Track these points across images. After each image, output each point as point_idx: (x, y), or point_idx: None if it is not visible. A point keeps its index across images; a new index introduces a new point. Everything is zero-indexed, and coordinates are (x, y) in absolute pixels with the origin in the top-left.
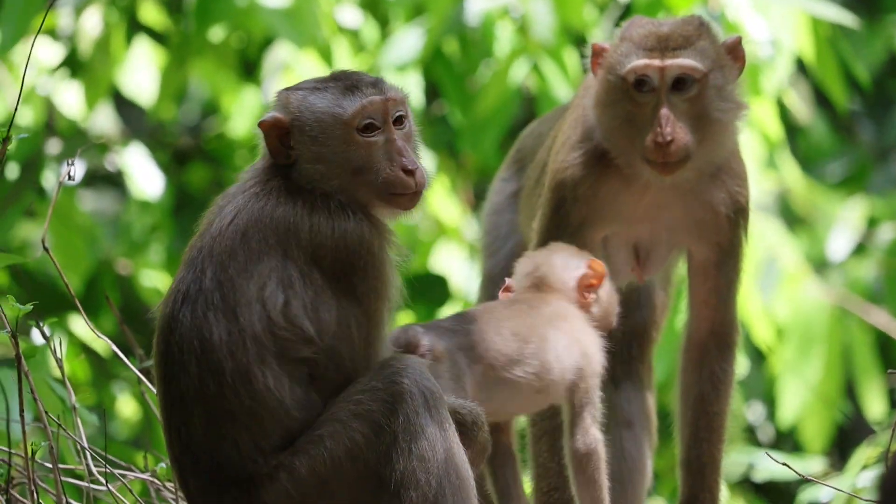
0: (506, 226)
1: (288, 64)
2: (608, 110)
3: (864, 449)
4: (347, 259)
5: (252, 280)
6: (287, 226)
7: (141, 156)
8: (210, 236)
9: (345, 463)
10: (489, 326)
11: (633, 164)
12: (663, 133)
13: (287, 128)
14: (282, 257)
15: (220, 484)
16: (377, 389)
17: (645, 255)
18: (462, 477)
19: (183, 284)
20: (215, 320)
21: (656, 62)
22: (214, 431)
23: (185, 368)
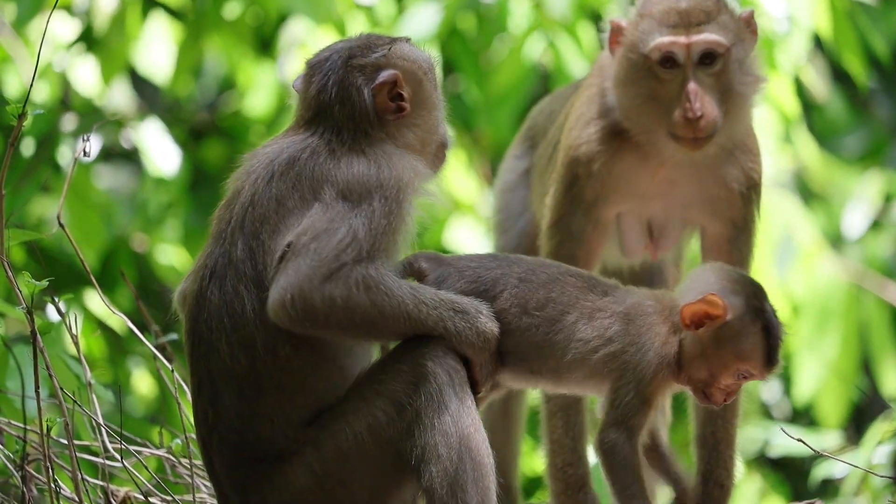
0: (518, 203)
1: (303, 40)
2: (630, 88)
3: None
4: (377, 188)
5: (281, 236)
6: (324, 176)
7: (157, 132)
8: (241, 205)
9: (367, 439)
10: (517, 270)
11: (657, 140)
12: (693, 108)
13: (399, 81)
14: (313, 202)
15: (246, 461)
16: (402, 371)
17: (658, 232)
18: (483, 454)
19: (210, 260)
20: (246, 292)
21: (682, 38)
22: (247, 409)
23: (214, 346)
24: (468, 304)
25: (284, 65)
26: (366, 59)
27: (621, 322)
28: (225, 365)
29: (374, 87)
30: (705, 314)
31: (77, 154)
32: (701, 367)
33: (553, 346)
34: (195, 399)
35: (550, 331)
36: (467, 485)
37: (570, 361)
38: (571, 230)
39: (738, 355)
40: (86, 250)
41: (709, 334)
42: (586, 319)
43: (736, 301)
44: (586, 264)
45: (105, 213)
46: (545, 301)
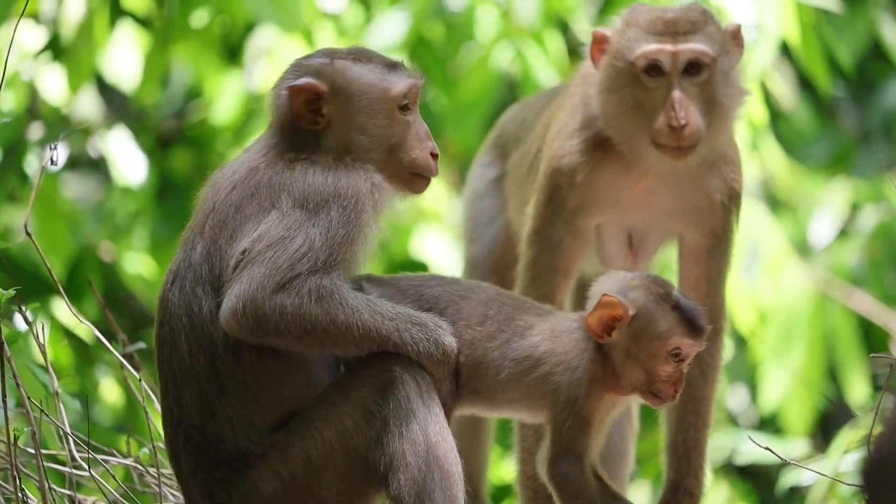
0: (488, 211)
1: (271, 49)
2: (614, 96)
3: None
4: (334, 198)
5: (237, 242)
6: (281, 184)
7: (124, 140)
8: (203, 213)
9: (335, 446)
10: (457, 288)
11: (640, 149)
12: (677, 116)
13: (320, 94)
14: (271, 210)
15: (211, 462)
16: (369, 376)
17: (638, 241)
18: (451, 462)
19: (174, 265)
20: (204, 294)
21: (668, 47)
22: (206, 407)
23: (176, 346)
24: (426, 318)
25: (252, 73)
26: (310, 60)
27: (549, 341)
28: (185, 363)
29: (291, 88)
30: (609, 317)
31: (44, 163)
32: (634, 368)
33: (489, 364)
34: (163, 399)
35: (488, 347)
36: (435, 493)
37: (504, 381)
38: (552, 239)
39: (660, 338)
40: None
41: (625, 335)
42: (518, 337)
43: (634, 294)
44: (566, 273)
45: (72, 221)
46: (484, 317)
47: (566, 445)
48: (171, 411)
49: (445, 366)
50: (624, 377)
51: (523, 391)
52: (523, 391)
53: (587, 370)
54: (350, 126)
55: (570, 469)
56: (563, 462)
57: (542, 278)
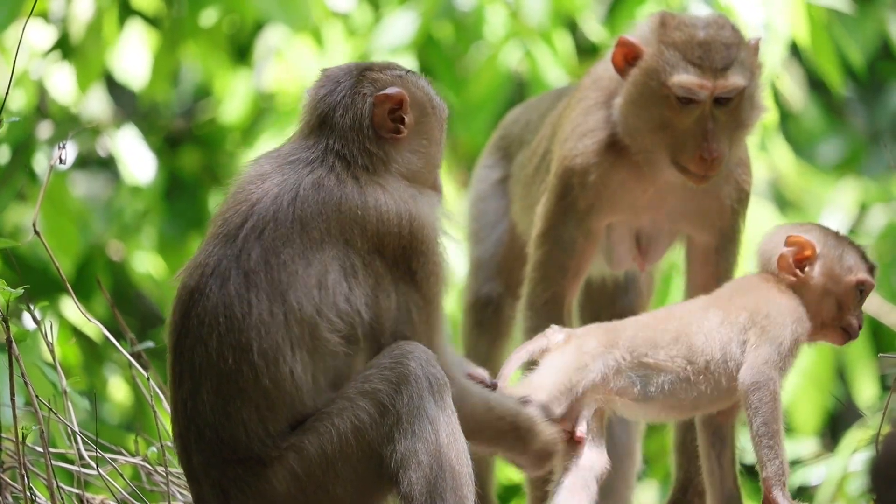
0: (493, 213)
1: (280, 48)
2: (642, 112)
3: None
4: (410, 244)
5: (312, 266)
6: (353, 216)
7: (133, 139)
8: (258, 216)
9: (351, 441)
10: (622, 323)
11: (658, 165)
12: (710, 149)
13: (404, 103)
14: (343, 245)
15: (224, 460)
16: (384, 368)
17: (647, 243)
18: (462, 463)
19: (213, 258)
20: (256, 299)
21: (708, 83)
22: (222, 408)
23: (202, 341)
24: (523, 421)
25: (261, 72)
26: (381, 74)
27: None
28: (210, 360)
29: (378, 96)
30: (800, 256)
31: (53, 161)
32: (829, 304)
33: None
34: (175, 391)
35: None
36: (446, 493)
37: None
38: (563, 239)
39: (851, 271)
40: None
41: (818, 272)
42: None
43: (813, 234)
44: (577, 273)
45: (81, 220)
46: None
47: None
48: (184, 403)
49: (538, 447)
50: (818, 315)
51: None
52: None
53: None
54: (423, 141)
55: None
56: (769, 369)
57: (553, 278)
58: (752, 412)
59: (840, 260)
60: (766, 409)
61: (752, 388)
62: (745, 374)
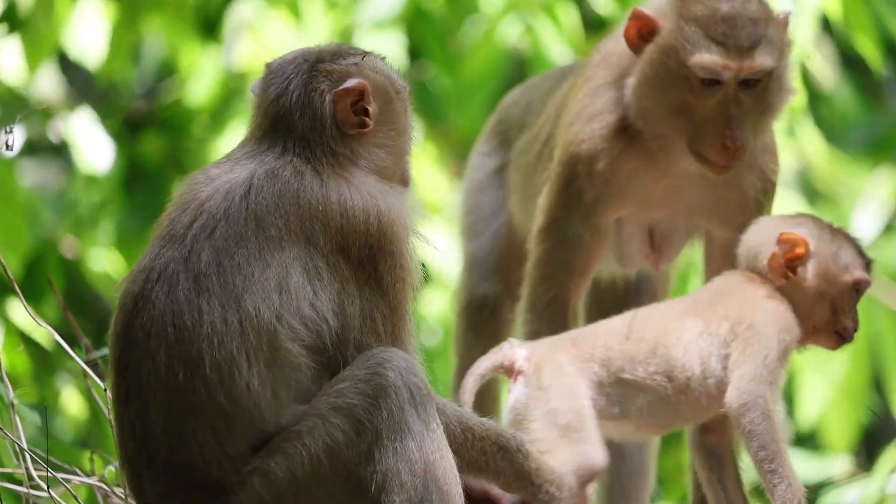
0: (490, 205)
1: (253, 22)
2: (658, 94)
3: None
4: (378, 243)
5: (270, 268)
6: (314, 211)
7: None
8: (208, 214)
9: (324, 462)
10: (594, 332)
11: (674, 152)
12: (733, 137)
13: (366, 93)
14: (305, 243)
15: (181, 488)
16: (359, 381)
17: (661, 240)
18: (450, 483)
19: (159, 262)
20: (207, 306)
21: (733, 63)
22: (174, 429)
23: (150, 355)
24: (510, 439)
25: (231, 49)
26: (335, 64)
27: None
28: (159, 376)
29: (337, 92)
30: (792, 256)
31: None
32: (823, 306)
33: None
34: (121, 410)
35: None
36: None
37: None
38: (567, 234)
39: (847, 269)
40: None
41: (810, 273)
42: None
43: (805, 229)
44: (583, 272)
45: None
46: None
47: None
48: (131, 425)
49: (528, 467)
50: (810, 318)
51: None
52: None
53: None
54: (389, 132)
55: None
56: (755, 387)
57: (556, 278)
58: (748, 437)
59: (835, 258)
60: (760, 430)
61: (742, 410)
62: (731, 396)
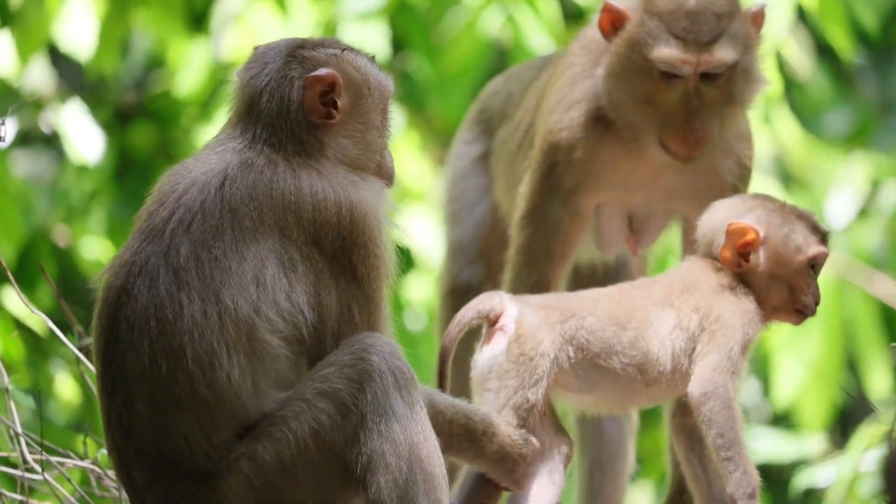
0: (472, 192)
1: (240, 14)
2: (624, 85)
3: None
4: (350, 235)
5: (246, 261)
6: (287, 202)
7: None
8: (185, 207)
9: (310, 445)
10: (584, 304)
11: (644, 141)
12: (693, 129)
13: (337, 85)
14: (279, 235)
15: (170, 475)
16: (344, 365)
17: (639, 224)
18: (434, 464)
19: (140, 256)
20: (187, 299)
21: (692, 57)
22: (159, 420)
23: (133, 347)
24: (478, 423)
25: (219, 41)
26: (312, 52)
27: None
28: (143, 368)
29: (307, 78)
30: (742, 244)
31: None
32: (779, 288)
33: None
34: (107, 401)
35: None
36: (418, 497)
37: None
38: (548, 220)
39: (800, 250)
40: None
41: (763, 257)
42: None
43: (756, 215)
44: (563, 257)
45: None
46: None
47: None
48: (118, 415)
49: (491, 449)
50: (769, 300)
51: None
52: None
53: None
54: (360, 124)
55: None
56: (718, 376)
57: (537, 263)
58: (707, 424)
59: (786, 241)
60: (719, 418)
61: (702, 399)
62: (694, 385)
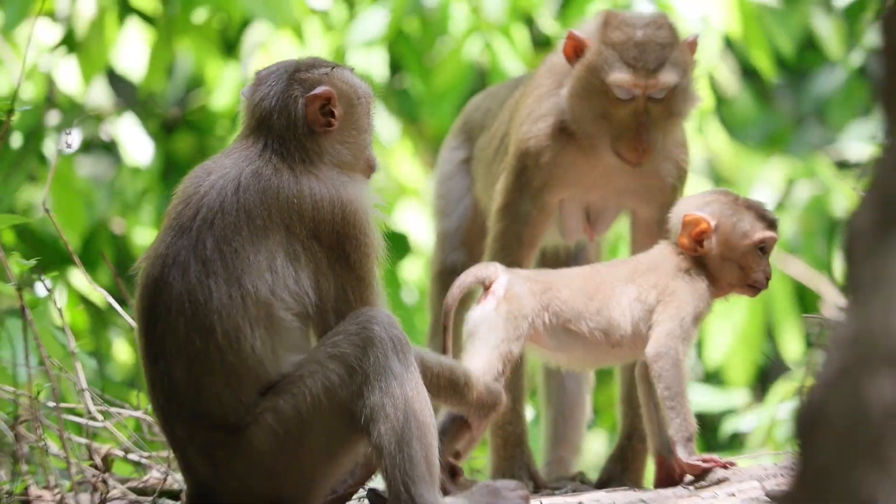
0: (458, 190)
1: (264, 43)
2: (584, 103)
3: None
4: (343, 229)
5: (261, 253)
6: (290, 204)
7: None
8: (207, 207)
9: (323, 400)
10: (561, 280)
11: (599, 149)
12: (641, 140)
13: (332, 99)
14: (285, 232)
15: (206, 428)
16: (351, 334)
17: (595, 216)
18: (425, 413)
19: (172, 249)
20: (215, 285)
21: (640, 82)
22: (195, 385)
23: (171, 326)
24: (460, 376)
25: (248, 65)
26: (308, 74)
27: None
28: (179, 344)
29: (308, 97)
30: (697, 233)
31: (60, 146)
32: (731, 268)
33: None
34: (150, 369)
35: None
36: (412, 441)
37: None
38: (519, 213)
39: (747, 235)
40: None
41: (716, 243)
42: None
43: (711, 207)
44: (532, 244)
45: (86, 199)
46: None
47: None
48: (161, 382)
49: (472, 398)
50: (724, 278)
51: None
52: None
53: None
54: (351, 131)
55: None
56: (671, 341)
57: (511, 248)
58: (657, 379)
59: (734, 228)
60: (667, 375)
61: (655, 358)
62: (650, 347)
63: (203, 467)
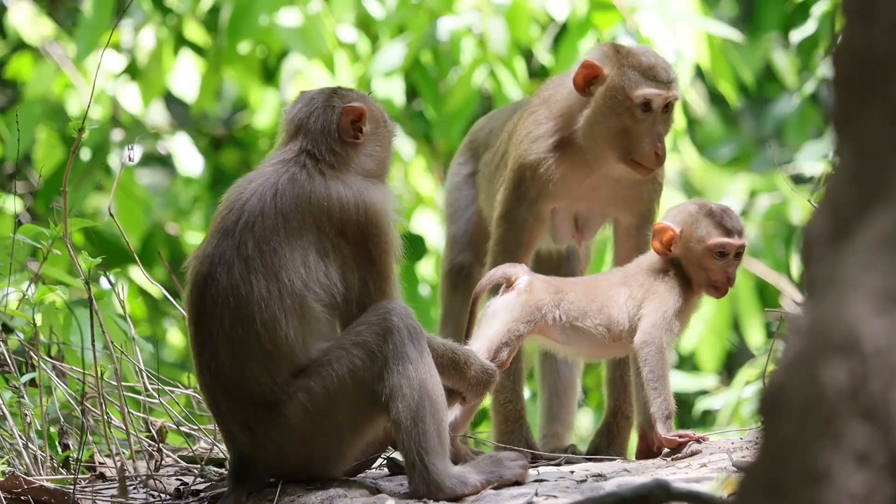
0: (465, 199)
1: (300, 71)
2: (607, 121)
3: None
4: (366, 228)
5: (295, 251)
6: (321, 207)
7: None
8: (249, 212)
9: (348, 381)
10: (569, 284)
11: (607, 162)
12: (662, 148)
13: (364, 115)
14: (316, 231)
15: (247, 405)
16: (372, 324)
17: (583, 223)
18: (437, 393)
19: (218, 249)
20: (256, 280)
21: (664, 92)
22: (237, 367)
23: (217, 316)
24: (460, 355)
25: (285, 90)
26: (347, 93)
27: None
28: (224, 332)
29: (344, 107)
30: (666, 239)
31: (123, 160)
32: (697, 270)
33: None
34: (200, 353)
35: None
36: (426, 417)
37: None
38: (517, 220)
39: (701, 240)
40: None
41: (682, 247)
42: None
43: (679, 217)
44: (528, 248)
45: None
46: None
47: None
48: (208, 365)
49: (471, 375)
50: (694, 280)
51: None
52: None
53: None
54: (377, 145)
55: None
56: (657, 332)
57: (509, 252)
58: (642, 363)
59: (692, 234)
60: (652, 360)
61: (642, 345)
62: (637, 337)
63: (244, 438)
